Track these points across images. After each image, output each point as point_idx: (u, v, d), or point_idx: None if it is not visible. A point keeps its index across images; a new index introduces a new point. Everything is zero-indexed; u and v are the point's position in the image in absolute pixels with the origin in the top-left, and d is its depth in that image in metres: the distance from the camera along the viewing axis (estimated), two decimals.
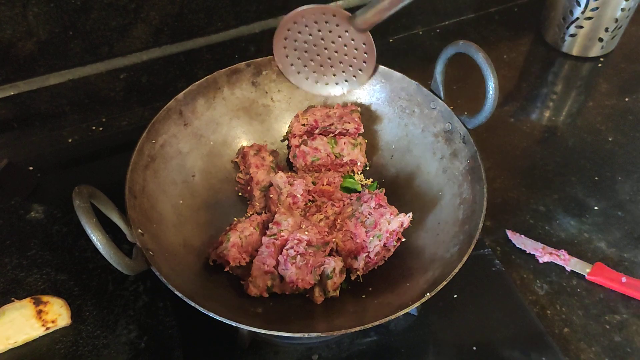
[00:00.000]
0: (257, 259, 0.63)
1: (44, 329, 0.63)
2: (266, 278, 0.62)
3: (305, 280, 0.61)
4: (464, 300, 0.68)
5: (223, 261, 0.63)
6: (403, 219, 0.64)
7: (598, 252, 0.74)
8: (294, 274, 0.61)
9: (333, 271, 0.62)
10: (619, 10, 0.93)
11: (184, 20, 0.85)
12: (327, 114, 0.76)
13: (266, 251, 0.63)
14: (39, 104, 0.84)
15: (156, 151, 0.67)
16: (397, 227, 0.64)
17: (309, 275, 0.61)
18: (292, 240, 0.63)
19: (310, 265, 0.61)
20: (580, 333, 0.66)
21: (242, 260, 0.64)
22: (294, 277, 0.61)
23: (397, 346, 0.64)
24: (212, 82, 0.73)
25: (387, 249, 0.66)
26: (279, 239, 0.63)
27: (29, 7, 0.74)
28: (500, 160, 0.85)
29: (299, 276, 0.61)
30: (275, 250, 0.63)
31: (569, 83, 0.99)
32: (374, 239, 0.64)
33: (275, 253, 0.63)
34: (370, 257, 0.64)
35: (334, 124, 0.74)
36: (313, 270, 0.62)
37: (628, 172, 0.83)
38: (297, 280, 0.61)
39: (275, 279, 0.62)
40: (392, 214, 0.65)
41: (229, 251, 0.63)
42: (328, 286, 0.62)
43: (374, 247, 0.64)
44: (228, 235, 0.64)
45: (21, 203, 0.77)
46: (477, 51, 0.63)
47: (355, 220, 0.67)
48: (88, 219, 0.49)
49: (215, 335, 0.64)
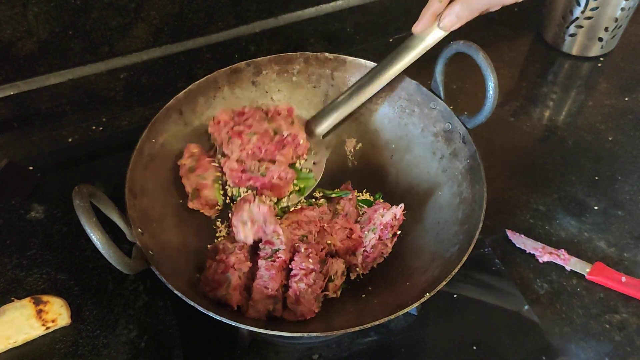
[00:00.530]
0: (257, 284, 0.59)
1: (44, 329, 0.63)
2: (268, 302, 0.59)
3: (311, 311, 0.59)
4: (464, 299, 0.68)
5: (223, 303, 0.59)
6: (396, 210, 0.65)
7: (598, 251, 0.74)
8: (305, 308, 0.58)
9: (335, 274, 0.62)
10: (619, 10, 0.93)
11: (184, 19, 0.85)
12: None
13: (267, 274, 0.59)
14: (39, 104, 0.84)
15: (156, 150, 0.67)
16: (391, 219, 0.64)
17: (315, 305, 0.59)
18: (300, 271, 0.60)
19: (316, 294, 0.60)
20: (580, 332, 0.66)
21: (242, 301, 0.60)
22: (305, 311, 0.58)
23: (397, 346, 0.64)
24: (212, 82, 0.73)
25: (384, 243, 0.65)
26: (276, 260, 0.60)
27: (29, 6, 0.74)
28: (500, 159, 0.85)
29: (308, 307, 0.59)
30: (277, 273, 0.59)
31: (568, 82, 0.99)
32: (369, 233, 0.65)
33: (278, 275, 0.59)
34: (367, 251, 0.64)
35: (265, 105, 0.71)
36: (317, 297, 0.60)
37: (628, 172, 0.83)
38: (306, 313, 0.59)
39: (277, 302, 0.59)
40: (385, 208, 0.66)
41: (231, 296, 0.58)
42: (330, 289, 0.62)
43: (369, 241, 0.64)
44: (228, 277, 0.59)
45: (21, 203, 0.77)
46: (477, 51, 0.63)
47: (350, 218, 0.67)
48: (88, 219, 0.49)
49: (216, 335, 0.64)
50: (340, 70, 0.76)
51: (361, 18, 0.99)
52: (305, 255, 0.61)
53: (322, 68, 0.77)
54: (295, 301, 0.59)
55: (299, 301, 0.58)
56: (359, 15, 0.99)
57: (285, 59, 0.76)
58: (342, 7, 0.96)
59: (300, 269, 0.60)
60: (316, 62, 0.76)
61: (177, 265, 0.60)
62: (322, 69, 0.77)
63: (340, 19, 0.97)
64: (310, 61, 0.76)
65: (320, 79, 0.77)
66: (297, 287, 0.59)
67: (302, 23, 0.94)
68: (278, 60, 0.76)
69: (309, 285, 0.59)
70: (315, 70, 0.77)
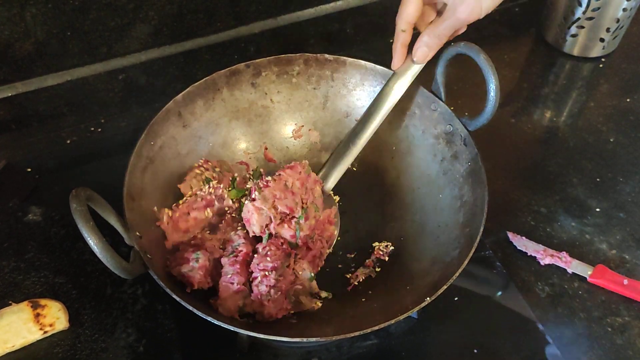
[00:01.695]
0: (223, 280, 0.59)
1: (41, 333, 0.63)
2: (237, 298, 0.58)
3: (283, 309, 0.58)
4: (465, 302, 0.68)
5: (185, 280, 0.59)
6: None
7: (600, 254, 0.73)
8: (273, 308, 0.58)
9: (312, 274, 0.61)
10: (621, 11, 0.92)
11: (183, 20, 0.85)
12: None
13: (231, 270, 0.59)
14: (37, 105, 0.84)
15: (155, 153, 0.67)
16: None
17: (284, 302, 0.59)
18: (258, 273, 0.59)
19: (283, 292, 0.59)
20: (582, 336, 0.66)
21: (206, 284, 0.59)
22: (273, 312, 0.58)
23: (397, 349, 0.64)
24: (211, 83, 0.73)
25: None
26: (238, 255, 0.60)
27: (26, 7, 0.74)
28: (500, 161, 0.84)
29: (276, 308, 0.58)
30: (241, 267, 0.59)
31: (570, 83, 0.98)
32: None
33: (242, 269, 0.59)
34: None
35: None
36: (287, 294, 0.59)
37: (630, 173, 0.83)
38: (276, 313, 0.58)
39: (247, 297, 0.59)
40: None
41: (195, 274, 0.58)
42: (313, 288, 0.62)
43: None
44: (197, 254, 0.59)
45: (19, 205, 0.76)
46: (478, 52, 0.62)
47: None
48: (85, 223, 0.49)
49: (215, 339, 0.63)
50: (340, 72, 0.76)
51: (361, 19, 0.98)
52: (262, 255, 0.60)
53: (322, 69, 0.76)
54: (260, 305, 0.58)
55: (262, 304, 0.58)
56: (359, 16, 0.98)
57: (284, 60, 0.75)
58: (342, 8, 0.95)
59: (259, 270, 0.59)
60: (316, 63, 0.76)
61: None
62: (321, 70, 0.76)
63: (340, 19, 0.97)
64: (310, 62, 0.76)
65: (320, 80, 0.77)
66: (258, 290, 0.58)
67: (302, 24, 0.94)
68: (277, 62, 0.75)
69: (270, 286, 0.58)
70: (315, 72, 0.76)
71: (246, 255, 0.61)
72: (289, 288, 0.60)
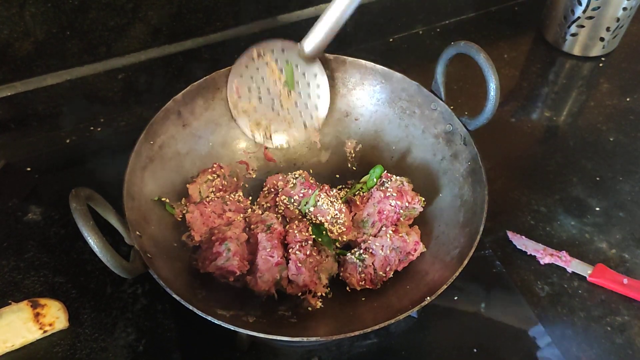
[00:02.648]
0: (262, 254, 0.61)
1: (41, 332, 0.63)
2: (275, 270, 0.61)
3: (313, 281, 0.61)
4: (465, 302, 0.68)
5: (224, 273, 0.61)
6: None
7: (599, 253, 0.73)
8: (307, 277, 0.61)
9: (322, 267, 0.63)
10: (621, 10, 0.92)
11: (183, 20, 0.85)
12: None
13: (269, 244, 0.62)
14: (36, 105, 0.84)
15: (154, 152, 0.67)
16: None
17: (314, 275, 0.62)
18: (296, 243, 0.62)
19: (315, 262, 0.61)
20: (581, 335, 0.66)
21: (245, 268, 0.62)
22: (308, 280, 0.61)
23: (397, 348, 0.64)
24: (211, 83, 0.73)
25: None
26: (273, 232, 0.63)
27: (26, 7, 0.73)
28: (500, 160, 0.84)
29: (310, 277, 0.61)
30: (278, 242, 0.62)
31: (570, 83, 0.98)
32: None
33: (279, 245, 0.62)
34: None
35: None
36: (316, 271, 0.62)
37: (629, 172, 0.83)
38: (309, 282, 0.61)
39: (283, 270, 0.61)
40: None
41: (232, 261, 0.60)
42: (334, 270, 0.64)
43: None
44: (226, 244, 0.61)
45: (18, 204, 0.76)
46: (479, 52, 0.62)
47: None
48: (85, 222, 0.49)
49: (214, 338, 0.63)
50: (340, 71, 0.76)
51: (361, 18, 0.98)
52: (298, 229, 0.63)
53: None
54: (297, 271, 0.60)
55: (300, 270, 0.60)
56: (359, 15, 0.97)
57: None
58: None
59: (295, 241, 0.62)
60: None
61: (175, 268, 0.60)
62: None
63: None
64: None
65: None
66: (296, 257, 0.61)
67: (302, 23, 0.93)
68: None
69: (306, 255, 0.61)
70: None
71: (280, 235, 0.63)
72: (317, 263, 0.62)
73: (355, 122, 0.78)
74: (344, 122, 0.78)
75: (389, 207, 0.65)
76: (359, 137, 0.78)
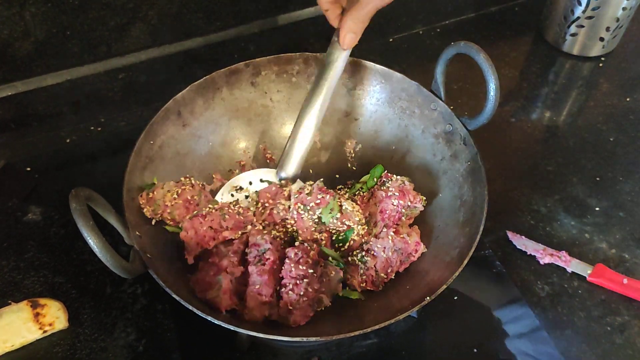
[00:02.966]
0: (251, 291, 0.58)
1: (41, 332, 0.63)
2: (264, 308, 0.58)
3: (306, 316, 0.58)
4: (465, 302, 0.68)
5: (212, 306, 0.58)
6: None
7: (599, 253, 0.73)
8: (299, 316, 0.57)
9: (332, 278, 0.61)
10: (620, 10, 0.92)
11: (183, 19, 0.85)
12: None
13: (259, 280, 0.58)
14: (36, 105, 0.84)
15: (154, 152, 0.67)
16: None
17: (309, 310, 0.58)
18: (290, 280, 0.58)
19: (310, 299, 0.58)
20: (581, 335, 0.66)
21: (234, 305, 0.58)
22: (299, 319, 0.57)
23: (397, 348, 0.64)
24: (211, 83, 0.72)
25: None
26: (265, 262, 0.59)
27: (26, 7, 0.73)
28: (500, 160, 0.84)
29: (302, 315, 0.58)
30: (269, 277, 0.58)
31: (569, 83, 0.98)
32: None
33: (270, 280, 0.58)
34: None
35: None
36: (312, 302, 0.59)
37: (629, 172, 0.83)
38: (301, 320, 0.58)
39: (273, 308, 0.59)
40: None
41: (221, 299, 0.57)
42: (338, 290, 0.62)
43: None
44: (219, 279, 0.58)
45: (18, 205, 0.76)
46: (478, 52, 0.62)
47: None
48: (85, 223, 0.49)
49: (214, 338, 0.63)
50: None
51: None
52: (295, 261, 0.59)
53: None
54: (287, 311, 0.58)
55: (290, 311, 0.58)
56: None
57: (284, 59, 0.75)
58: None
59: (290, 277, 0.58)
60: (315, 62, 0.76)
61: (175, 268, 0.60)
62: None
63: None
64: (310, 62, 0.76)
65: None
66: (287, 297, 0.58)
67: (302, 23, 0.93)
68: (277, 61, 0.75)
69: (299, 295, 0.57)
70: (314, 71, 0.76)
71: (273, 264, 0.59)
72: (314, 296, 0.59)
73: (355, 122, 0.78)
74: (343, 122, 0.78)
75: (391, 206, 0.65)
76: (359, 137, 0.78)
